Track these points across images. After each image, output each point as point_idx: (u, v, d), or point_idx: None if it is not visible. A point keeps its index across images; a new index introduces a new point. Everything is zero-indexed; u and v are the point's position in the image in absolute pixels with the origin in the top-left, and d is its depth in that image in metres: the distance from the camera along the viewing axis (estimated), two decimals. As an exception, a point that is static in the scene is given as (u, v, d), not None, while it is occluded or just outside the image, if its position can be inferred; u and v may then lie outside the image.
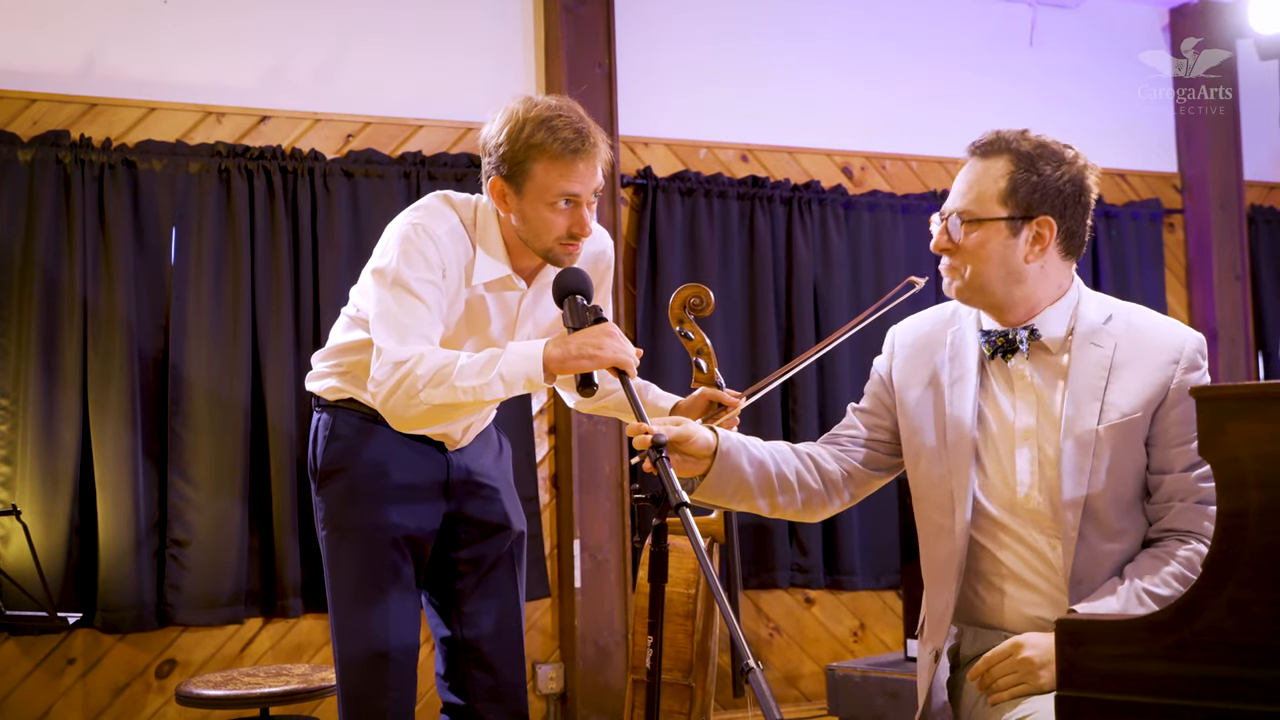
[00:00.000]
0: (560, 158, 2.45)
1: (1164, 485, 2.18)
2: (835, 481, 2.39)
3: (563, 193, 2.47)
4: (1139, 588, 2.10)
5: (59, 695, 4.22)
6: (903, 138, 5.53)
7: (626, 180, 5.03)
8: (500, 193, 2.54)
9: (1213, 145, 6.02)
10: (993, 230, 2.23)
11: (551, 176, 2.47)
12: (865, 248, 5.41)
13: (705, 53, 5.26)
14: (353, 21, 4.73)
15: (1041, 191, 2.21)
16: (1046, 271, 2.26)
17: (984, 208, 2.23)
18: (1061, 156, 2.24)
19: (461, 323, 2.63)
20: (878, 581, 5.33)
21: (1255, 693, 1.71)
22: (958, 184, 2.29)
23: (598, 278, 2.75)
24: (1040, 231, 2.23)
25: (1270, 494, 1.73)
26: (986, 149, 2.26)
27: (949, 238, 2.27)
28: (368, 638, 2.63)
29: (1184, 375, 2.18)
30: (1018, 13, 5.84)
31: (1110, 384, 2.19)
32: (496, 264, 2.58)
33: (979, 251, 2.23)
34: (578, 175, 2.47)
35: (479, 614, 2.80)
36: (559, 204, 2.48)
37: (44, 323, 4.17)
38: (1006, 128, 2.28)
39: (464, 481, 2.77)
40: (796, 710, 5.18)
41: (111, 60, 4.40)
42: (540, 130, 2.46)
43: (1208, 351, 2.25)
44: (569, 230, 2.51)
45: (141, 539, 4.21)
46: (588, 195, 2.50)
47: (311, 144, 4.59)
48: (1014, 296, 2.26)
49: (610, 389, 2.80)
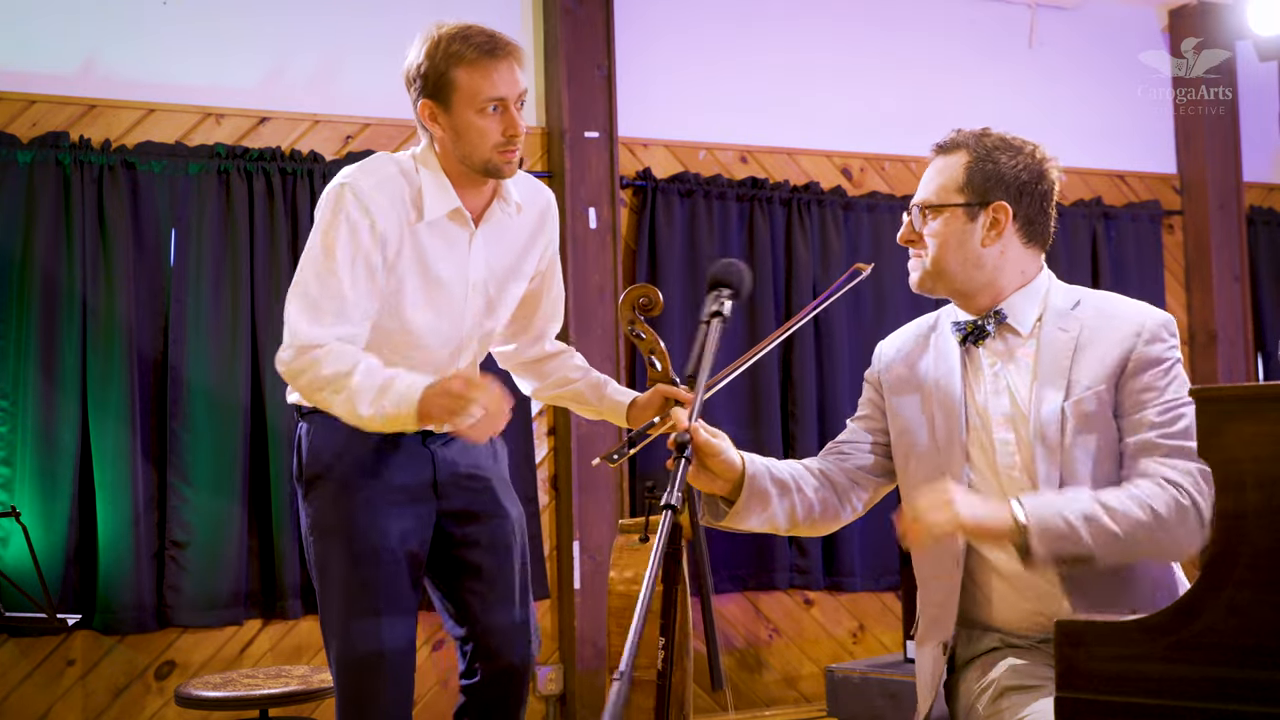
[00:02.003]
0: (478, 62, 2.53)
1: (1129, 449, 2.19)
2: (846, 492, 2.41)
3: (488, 97, 2.54)
4: (1096, 497, 2.11)
5: (58, 697, 4.22)
6: (902, 139, 5.53)
7: (626, 181, 5.03)
8: (430, 114, 2.59)
9: (1212, 146, 6.02)
10: (950, 216, 2.31)
11: (475, 81, 2.54)
12: (865, 249, 5.40)
13: (705, 54, 5.26)
14: (352, 23, 4.73)
15: (996, 179, 2.29)
16: (1008, 258, 2.32)
17: (941, 196, 2.32)
18: (1019, 149, 2.33)
19: (410, 269, 2.62)
20: (877, 583, 5.33)
21: (1254, 694, 1.71)
22: (921, 181, 2.38)
23: (546, 236, 2.83)
24: (996, 217, 2.30)
25: (1269, 495, 1.73)
26: (947, 146, 2.35)
27: (912, 229, 2.37)
28: (361, 642, 2.63)
29: (1145, 347, 2.21)
30: (1017, 14, 5.84)
31: (1074, 363, 2.24)
32: (445, 195, 2.62)
33: (938, 237, 2.31)
34: (500, 77, 2.54)
35: (485, 609, 2.78)
36: (487, 109, 2.55)
37: (43, 324, 4.17)
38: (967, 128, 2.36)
39: (452, 478, 2.75)
40: (796, 711, 5.18)
41: (111, 62, 4.40)
42: (455, 42, 2.55)
43: (1177, 332, 2.26)
44: (504, 133, 2.56)
45: (141, 540, 4.21)
46: (513, 97, 2.56)
47: (311, 145, 4.59)
48: (975, 282, 2.32)
49: (572, 378, 2.88)
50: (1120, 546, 2.07)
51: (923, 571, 2.38)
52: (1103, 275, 5.77)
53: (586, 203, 4.86)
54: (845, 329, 5.30)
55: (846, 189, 5.42)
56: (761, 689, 5.19)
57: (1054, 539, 2.06)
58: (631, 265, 5.04)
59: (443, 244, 2.65)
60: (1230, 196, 6.04)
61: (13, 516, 3.64)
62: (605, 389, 2.87)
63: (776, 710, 5.18)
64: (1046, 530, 2.06)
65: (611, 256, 4.89)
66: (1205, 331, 5.92)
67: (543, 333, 2.96)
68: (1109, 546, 2.07)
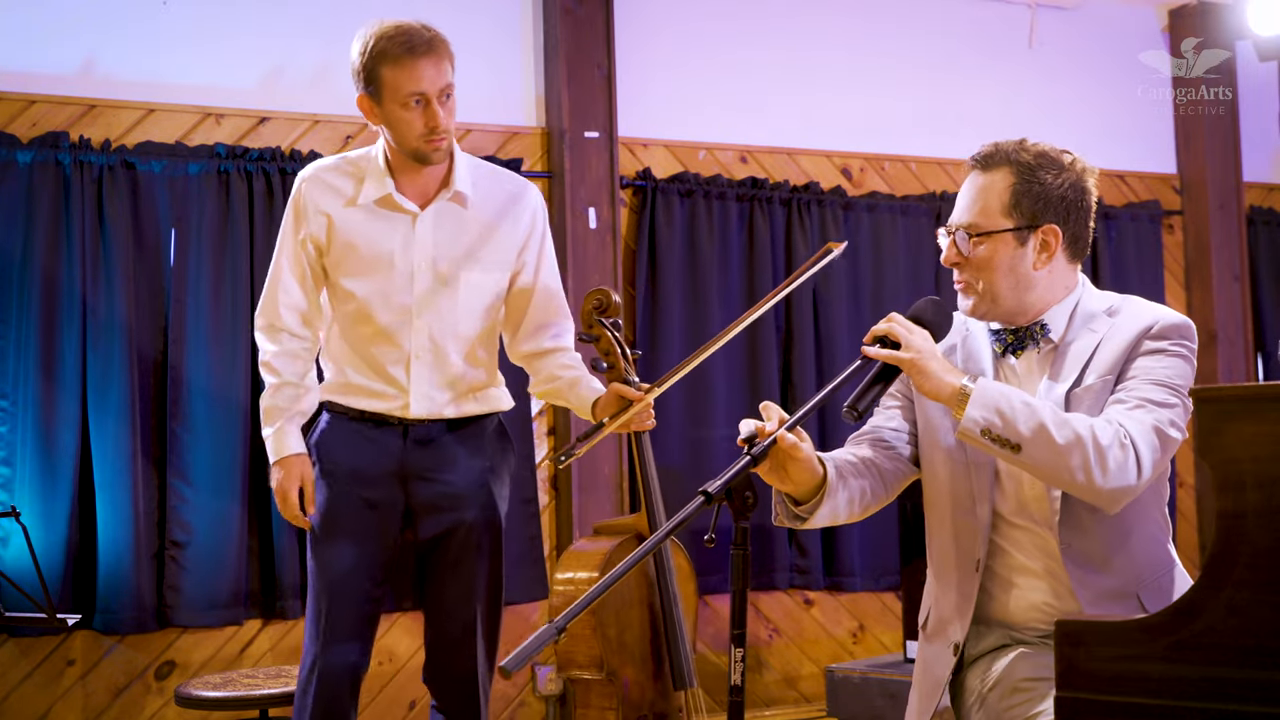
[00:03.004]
0: (401, 59, 2.77)
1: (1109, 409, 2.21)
2: (889, 480, 2.38)
3: (410, 92, 2.78)
4: (1052, 406, 2.15)
5: (58, 697, 4.22)
6: (902, 139, 5.53)
7: (626, 182, 5.03)
8: (368, 108, 2.89)
9: (1212, 146, 6.02)
10: (1000, 242, 2.29)
11: (399, 78, 2.78)
12: (864, 249, 5.41)
13: (705, 54, 5.26)
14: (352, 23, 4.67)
15: (1044, 200, 2.28)
16: (1054, 276, 2.32)
17: (990, 220, 2.29)
18: (1060, 163, 2.30)
19: (347, 246, 2.89)
20: (877, 583, 5.33)
21: (1254, 694, 1.71)
22: (961, 198, 2.35)
23: (517, 230, 2.98)
24: (1046, 239, 2.29)
25: (1268, 495, 1.73)
26: (987, 161, 2.32)
27: (958, 251, 2.33)
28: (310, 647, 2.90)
29: (1150, 340, 2.23)
30: (1017, 14, 5.84)
31: (1094, 356, 2.25)
32: (380, 183, 2.90)
33: (989, 263, 2.29)
34: (420, 73, 2.77)
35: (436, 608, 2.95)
36: (410, 103, 2.79)
37: (43, 324, 4.17)
38: (1004, 137, 2.34)
39: (420, 476, 2.92)
40: (796, 711, 5.18)
41: (111, 62, 4.40)
42: (382, 40, 2.82)
43: (1196, 340, 2.27)
44: (426, 125, 2.80)
45: (141, 540, 4.21)
46: (434, 92, 2.78)
47: (311, 145, 4.59)
48: (1025, 303, 2.32)
49: (556, 375, 2.99)
50: (1049, 451, 2.09)
51: (941, 572, 2.37)
52: (1103, 275, 5.77)
53: (586, 203, 4.86)
54: (845, 329, 5.30)
55: (846, 189, 5.42)
56: (761, 689, 5.19)
57: (991, 409, 2.11)
58: (631, 265, 5.04)
59: (385, 224, 2.91)
60: (1230, 196, 6.04)
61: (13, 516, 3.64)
62: (578, 387, 2.98)
63: (776, 710, 5.18)
64: (987, 400, 2.11)
65: (611, 256, 4.89)
66: (1205, 331, 5.92)
67: (536, 330, 3.04)
68: (1039, 446, 2.09)
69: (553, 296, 3.06)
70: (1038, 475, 2.16)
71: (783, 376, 5.22)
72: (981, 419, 2.11)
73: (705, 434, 5.01)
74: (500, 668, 1.78)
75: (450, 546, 2.94)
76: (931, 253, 5.52)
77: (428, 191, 2.93)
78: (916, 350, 2.18)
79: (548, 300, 3.05)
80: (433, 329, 2.92)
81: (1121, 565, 2.21)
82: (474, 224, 2.96)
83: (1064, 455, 2.08)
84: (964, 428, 2.13)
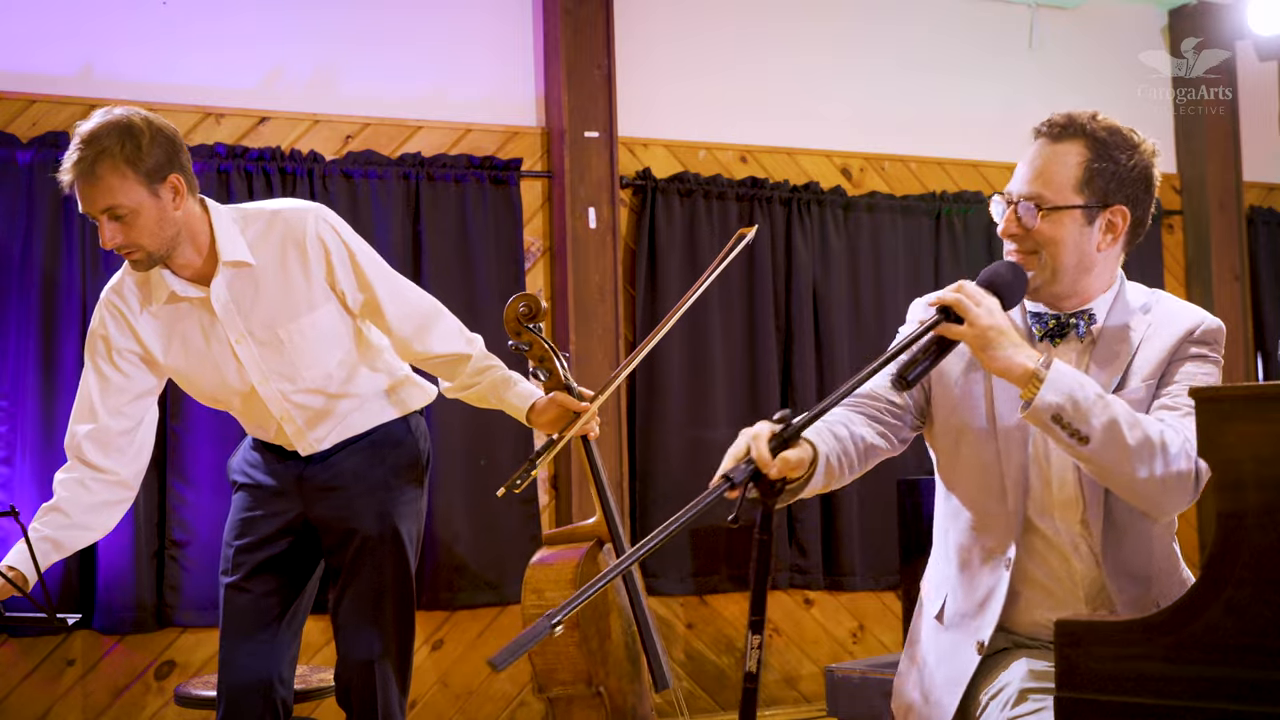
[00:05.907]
0: (71, 185, 2.68)
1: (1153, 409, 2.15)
2: (862, 452, 2.24)
3: (83, 212, 2.70)
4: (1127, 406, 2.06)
5: (58, 697, 4.22)
6: (902, 139, 5.53)
7: (625, 182, 5.03)
8: None
9: (1212, 146, 6.01)
10: (1069, 218, 2.18)
11: None
12: (864, 249, 5.41)
13: (705, 54, 5.26)
14: (352, 22, 4.73)
15: (1116, 180, 2.19)
16: (1109, 262, 2.25)
17: (1060, 195, 2.18)
18: (1132, 142, 2.21)
19: (158, 341, 2.84)
20: (877, 583, 5.33)
21: (1254, 694, 1.71)
22: (1026, 168, 2.22)
23: (308, 262, 2.79)
24: (1113, 220, 2.21)
25: (1268, 495, 1.73)
26: (1060, 132, 2.21)
27: (1019, 223, 2.20)
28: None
29: (1194, 346, 2.18)
30: (1017, 14, 5.84)
31: (1135, 357, 2.19)
32: (160, 286, 2.80)
33: (1053, 240, 2.19)
34: (81, 199, 2.68)
35: (338, 622, 2.93)
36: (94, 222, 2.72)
37: (44, 323, 4.17)
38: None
39: (317, 489, 2.91)
40: (796, 711, 5.18)
41: (110, 62, 4.41)
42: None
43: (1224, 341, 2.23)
44: (103, 243, 2.72)
45: (141, 540, 4.21)
46: (94, 213, 2.67)
47: (311, 145, 4.59)
48: (1080, 285, 2.23)
49: (470, 382, 2.89)
50: (1118, 450, 2.01)
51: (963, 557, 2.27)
52: (1103, 275, 5.76)
53: (586, 203, 4.85)
54: (846, 329, 5.30)
55: (846, 189, 5.42)
56: (761, 689, 5.16)
57: (1065, 395, 2.00)
58: (631, 265, 5.04)
59: (185, 312, 2.82)
60: (1230, 196, 6.04)
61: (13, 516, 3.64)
62: (506, 391, 2.87)
63: (776, 710, 5.18)
64: (1062, 385, 2.00)
65: (611, 256, 4.89)
66: (1205, 331, 5.92)
67: (410, 340, 2.89)
68: (1108, 443, 2.00)
69: (406, 305, 2.88)
70: (1097, 471, 2.07)
71: (782, 376, 5.22)
72: (1054, 403, 2.00)
73: (705, 434, 5.01)
74: (488, 663, 1.76)
75: (347, 558, 2.89)
76: (931, 252, 5.52)
77: (207, 270, 2.79)
78: (985, 326, 2.03)
79: (403, 312, 2.87)
80: (284, 391, 2.83)
81: (1154, 571, 2.18)
82: (262, 280, 2.80)
83: (1132, 457, 2.00)
84: (1035, 409, 2.01)
